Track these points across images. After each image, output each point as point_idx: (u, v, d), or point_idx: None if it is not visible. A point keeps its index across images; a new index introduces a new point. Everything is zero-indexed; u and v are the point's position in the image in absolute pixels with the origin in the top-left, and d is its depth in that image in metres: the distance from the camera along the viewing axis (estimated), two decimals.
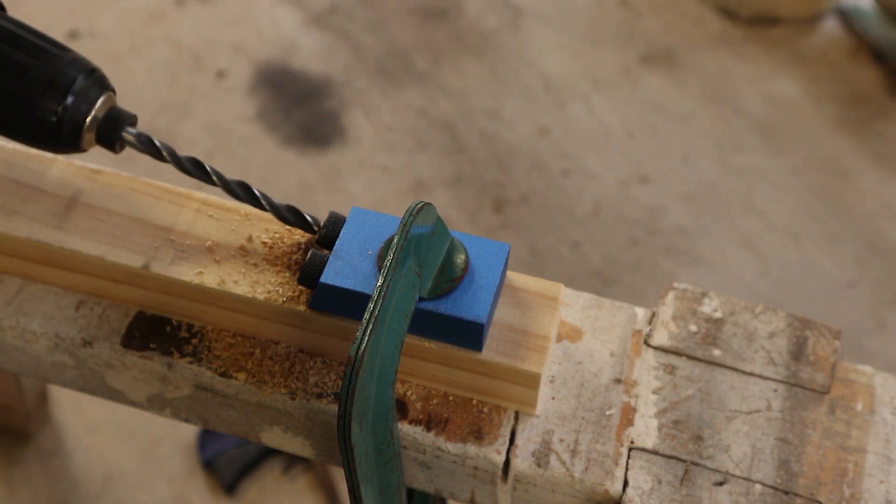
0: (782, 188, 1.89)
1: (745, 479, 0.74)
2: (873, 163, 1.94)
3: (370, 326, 0.66)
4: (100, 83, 0.76)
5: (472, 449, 0.75)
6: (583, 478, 0.74)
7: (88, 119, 0.75)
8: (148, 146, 0.76)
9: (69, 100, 0.74)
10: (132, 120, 0.77)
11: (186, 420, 0.82)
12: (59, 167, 0.83)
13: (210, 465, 1.45)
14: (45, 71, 0.74)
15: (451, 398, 0.77)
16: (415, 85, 2.00)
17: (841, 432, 0.77)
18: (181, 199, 0.82)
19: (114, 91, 0.77)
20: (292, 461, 1.47)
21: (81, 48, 1.98)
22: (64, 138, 0.75)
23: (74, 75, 0.74)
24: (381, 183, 1.84)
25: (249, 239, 0.80)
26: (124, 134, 0.76)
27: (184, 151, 1.78)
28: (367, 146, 1.89)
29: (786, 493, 0.74)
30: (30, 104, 0.74)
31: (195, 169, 0.76)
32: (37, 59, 0.74)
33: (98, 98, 0.75)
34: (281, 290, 0.77)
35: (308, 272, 0.75)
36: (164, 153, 0.76)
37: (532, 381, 0.74)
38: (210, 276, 0.78)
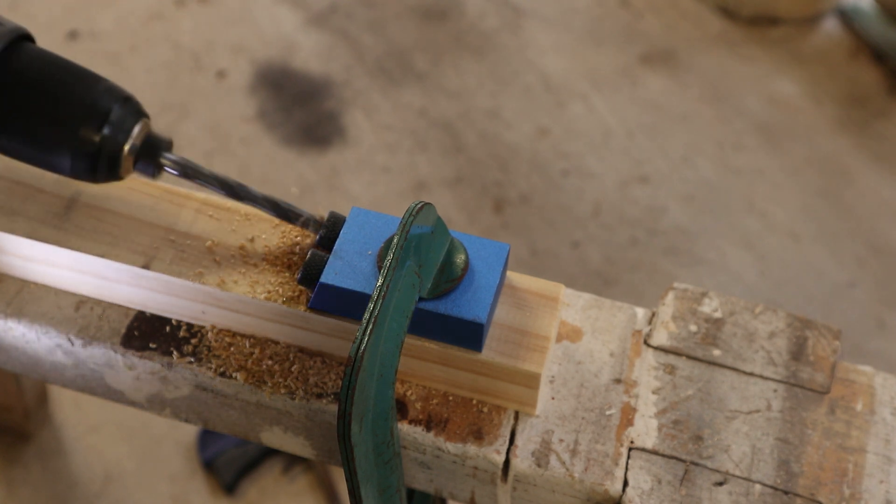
0: (782, 188, 1.89)
1: (745, 479, 0.74)
2: (873, 163, 1.94)
3: (370, 326, 0.66)
4: (136, 111, 0.76)
5: (472, 449, 0.75)
6: (583, 478, 0.74)
7: (126, 148, 0.75)
8: (186, 170, 0.76)
9: (107, 130, 0.74)
10: (168, 145, 0.77)
11: (186, 420, 0.82)
12: None
13: (210, 465, 1.45)
14: (81, 102, 0.74)
15: (451, 398, 0.77)
16: (415, 85, 2.00)
17: (841, 432, 0.77)
18: (181, 199, 0.82)
19: (148, 117, 0.77)
20: (292, 461, 1.47)
21: (81, 48, 1.98)
22: (103, 169, 0.75)
23: (110, 104, 0.74)
24: (381, 183, 1.84)
25: (250, 239, 0.80)
26: (162, 160, 0.76)
27: (184, 151, 1.78)
28: (367, 146, 1.89)
29: (786, 493, 0.74)
30: (68, 136, 0.74)
31: (240, 190, 0.77)
32: (72, 90, 0.74)
33: (134, 126, 0.75)
34: (281, 290, 0.77)
35: (308, 272, 0.75)
36: (203, 176, 0.76)
37: (532, 381, 0.74)
38: (210, 276, 0.78)
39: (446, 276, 0.74)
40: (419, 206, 0.71)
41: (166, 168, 0.76)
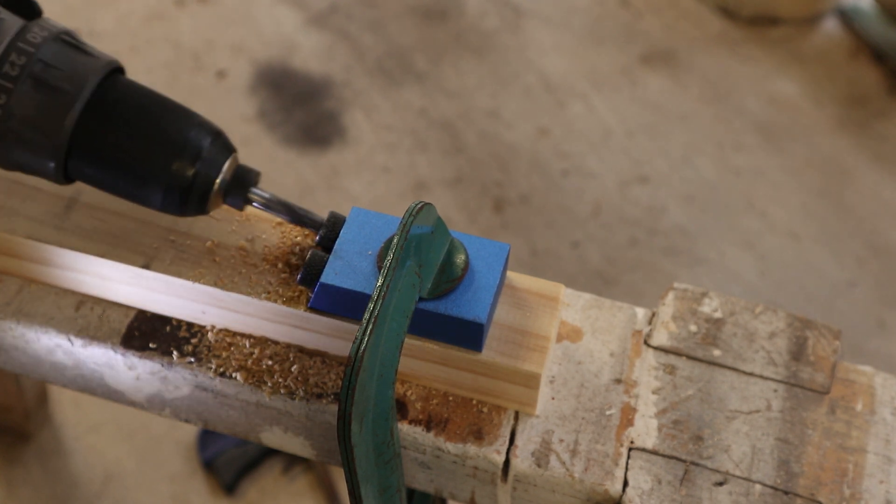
0: (782, 188, 1.89)
1: (745, 479, 0.74)
2: (873, 163, 1.94)
3: (370, 326, 0.66)
4: (226, 146, 0.76)
5: (472, 449, 0.75)
6: (583, 478, 0.74)
7: (217, 182, 0.75)
8: (272, 204, 0.76)
9: (199, 165, 0.74)
10: (256, 178, 0.77)
11: (186, 420, 0.82)
12: None
13: (210, 465, 1.45)
14: (175, 137, 0.74)
15: (451, 398, 0.77)
16: (415, 85, 2.00)
17: (841, 432, 0.77)
18: None
19: (236, 151, 0.77)
20: (292, 461, 1.47)
21: None
22: (192, 203, 0.75)
23: (202, 140, 0.74)
24: (381, 183, 1.84)
25: (249, 239, 0.80)
26: (250, 195, 0.76)
27: None
28: (367, 146, 1.89)
29: (786, 493, 0.74)
30: (161, 171, 0.74)
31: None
32: (166, 124, 0.74)
33: (225, 161, 0.75)
34: (281, 290, 0.77)
35: (308, 272, 0.75)
36: (289, 211, 0.77)
37: (532, 381, 0.74)
38: (210, 277, 0.78)
39: (446, 276, 0.74)
40: (419, 206, 0.71)
41: (254, 203, 0.77)
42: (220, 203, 0.77)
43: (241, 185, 0.76)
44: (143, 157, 0.73)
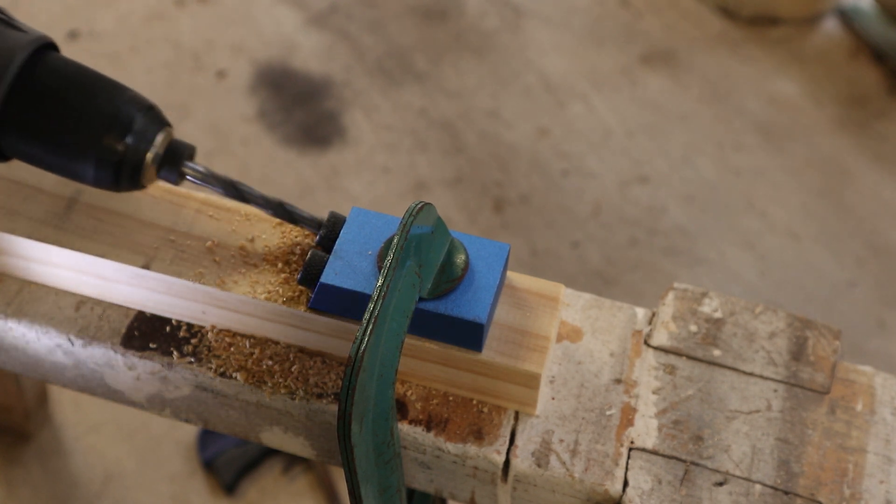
0: (782, 188, 1.89)
1: (745, 479, 0.74)
2: (873, 163, 1.94)
3: (370, 326, 0.66)
4: (158, 120, 0.76)
5: (472, 449, 0.75)
6: (583, 478, 0.74)
7: (149, 156, 0.75)
8: (207, 178, 0.76)
9: (130, 139, 0.74)
10: (191, 153, 0.77)
11: (186, 420, 0.82)
12: None
13: (210, 465, 1.45)
14: (105, 111, 0.74)
15: (451, 398, 0.77)
16: (415, 85, 2.00)
17: (841, 432, 0.77)
18: (181, 199, 0.82)
19: (171, 125, 0.76)
20: (292, 461, 1.47)
21: (81, 48, 1.98)
22: (125, 177, 0.75)
23: (133, 113, 0.74)
24: (381, 183, 1.84)
25: (250, 239, 0.80)
26: (184, 169, 0.76)
27: None
28: (366, 146, 1.89)
29: (786, 493, 0.74)
30: (91, 145, 0.73)
31: (257, 199, 0.77)
32: (96, 99, 0.74)
33: (157, 135, 0.75)
34: (281, 290, 0.77)
35: (308, 272, 0.75)
36: (223, 184, 0.76)
37: (532, 381, 0.74)
38: (210, 277, 0.78)
39: (446, 276, 0.74)
40: (419, 206, 0.71)
41: (188, 177, 0.76)
42: (154, 178, 0.76)
43: (175, 159, 0.75)
44: (74, 131, 0.73)
